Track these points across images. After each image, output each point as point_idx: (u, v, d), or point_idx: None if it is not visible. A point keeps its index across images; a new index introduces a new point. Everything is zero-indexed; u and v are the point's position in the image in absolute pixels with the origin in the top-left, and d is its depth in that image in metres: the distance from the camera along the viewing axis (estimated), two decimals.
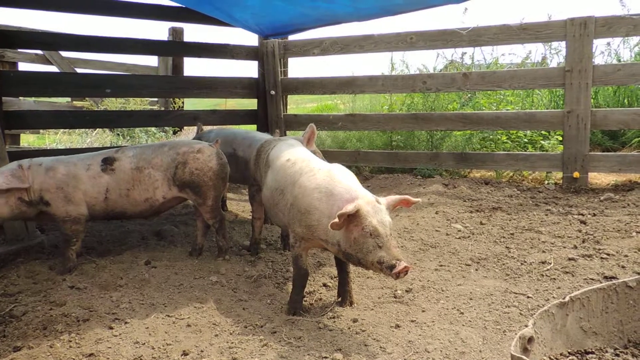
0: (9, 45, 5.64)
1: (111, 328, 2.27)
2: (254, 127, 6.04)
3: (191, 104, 10.31)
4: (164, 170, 3.08)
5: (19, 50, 7.39)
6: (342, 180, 2.38)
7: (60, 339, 2.16)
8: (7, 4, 4.47)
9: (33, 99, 7.37)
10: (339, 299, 2.66)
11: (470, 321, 2.43)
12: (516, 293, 2.71)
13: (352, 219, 2.18)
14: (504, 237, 3.59)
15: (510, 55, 7.04)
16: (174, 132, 7.97)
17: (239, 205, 4.72)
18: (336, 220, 2.14)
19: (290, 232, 2.59)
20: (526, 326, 1.96)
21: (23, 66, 7.86)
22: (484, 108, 5.77)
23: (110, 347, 2.10)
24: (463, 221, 3.93)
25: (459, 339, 2.24)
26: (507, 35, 4.78)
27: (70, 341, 2.15)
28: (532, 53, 6.39)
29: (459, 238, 3.62)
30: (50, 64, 7.88)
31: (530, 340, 1.61)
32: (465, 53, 6.43)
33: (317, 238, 2.41)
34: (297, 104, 13.55)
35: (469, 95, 6.15)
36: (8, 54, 7.13)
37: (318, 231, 2.38)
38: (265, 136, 3.80)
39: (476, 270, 3.09)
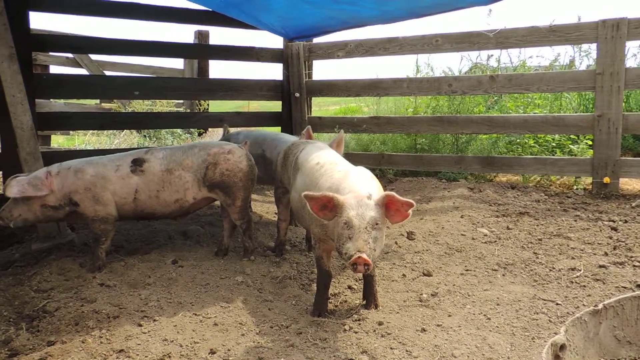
0: (41, 49, 5.79)
1: (140, 325, 2.31)
2: (279, 129, 6.08)
3: (215, 106, 10.42)
4: (194, 171, 3.11)
5: (51, 53, 7.60)
6: (353, 179, 2.34)
7: (91, 334, 2.21)
8: (38, 9, 4.59)
9: (63, 100, 7.57)
10: (364, 302, 2.65)
11: (497, 327, 2.39)
12: (545, 300, 2.67)
13: (336, 210, 2.15)
14: (531, 242, 3.53)
15: (538, 57, 6.93)
16: (199, 134, 8.07)
17: (263, 206, 4.75)
18: (307, 192, 2.15)
19: (311, 233, 2.60)
20: (556, 334, 1.94)
21: (54, 69, 8.07)
22: (510, 111, 5.69)
23: (139, 344, 2.13)
24: (489, 225, 3.88)
25: (486, 345, 2.21)
26: (536, 38, 4.71)
27: (101, 337, 2.19)
28: (561, 56, 6.26)
29: (485, 242, 3.57)
30: (80, 66, 8.07)
31: (563, 347, 1.58)
32: (492, 55, 6.37)
33: (329, 238, 2.41)
34: (320, 107, 13.58)
35: (495, 98, 6.07)
36: (40, 57, 7.33)
37: (329, 231, 2.37)
38: (292, 138, 3.82)
39: (503, 275, 3.05)
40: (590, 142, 4.89)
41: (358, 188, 2.25)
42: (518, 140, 5.36)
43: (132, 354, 2.06)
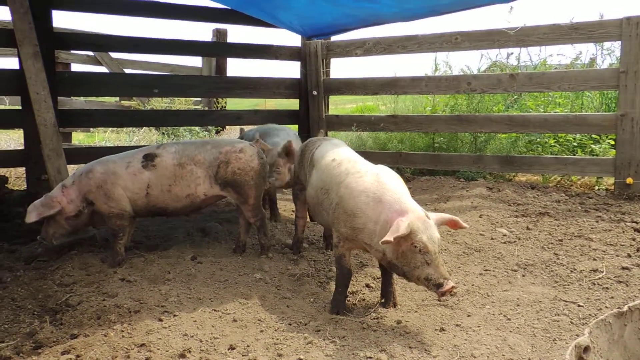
0: (64, 47, 5.89)
1: (161, 320, 2.34)
2: (296, 127, 6.09)
3: (232, 104, 10.50)
4: (206, 167, 3.13)
5: (72, 51, 7.71)
6: (391, 188, 2.37)
7: (113, 328, 2.24)
8: (61, 7, 4.66)
9: (83, 98, 7.69)
10: (383, 300, 2.65)
11: (517, 328, 2.37)
12: (566, 301, 2.63)
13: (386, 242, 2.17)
14: (552, 243, 3.48)
15: (559, 56, 6.81)
16: (217, 132, 8.12)
17: (280, 203, 4.76)
18: (389, 239, 2.12)
19: (333, 231, 2.60)
20: (578, 336, 1.91)
21: (75, 67, 8.20)
22: (530, 110, 5.62)
23: (160, 338, 2.16)
24: (508, 225, 3.84)
25: (506, 346, 2.19)
26: (557, 35, 4.64)
27: (123, 331, 2.22)
28: (583, 54, 6.14)
29: (505, 243, 3.54)
30: (101, 64, 8.18)
31: (587, 349, 1.56)
32: (512, 53, 6.28)
33: (361, 241, 2.42)
34: (336, 105, 13.56)
35: (515, 97, 6.00)
36: (62, 56, 7.44)
37: (362, 234, 2.40)
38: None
39: (523, 276, 3.02)
40: (612, 142, 4.80)
41: (414, 207, 2.29)
42: (538, 140, 5.29)
43: (153, 348, 2.08)
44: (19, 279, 2.87)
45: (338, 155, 2.81)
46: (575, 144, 5.18)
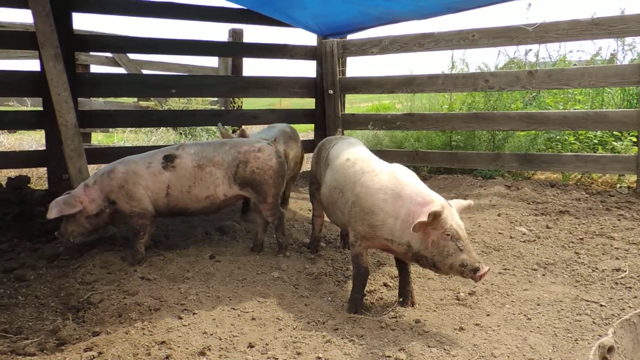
0: (83, 49, 5.97)
1: (180, 318, 2.36)
2: (312, 126, 6.10)
3: (247, 103, 10.54)
4: (225, 168, 3.15)
5: (91, 53, 7.82)
6: (409, 183, 2.39)
7: (134, 326, 2.27)
8: (82, 10, 4.73)
9: (102, 99, 7.79)
10: (401, 299, 2.64)
11: (538, 327, 2.34)
12: (588, 301, 2.59)
13: (433, 220, 2.18)
14: (572, 242, 3.44)
15: (579, 52, 6.71)
16: (233, 131, 8.14)
17: (297, 203, 4.78)
18: (423, 219, 2.14)
19: (350, 230, 2.60)
20: (600, 336, 1.88)
21: (94, 68, 8.31)
22: (549, 107, 5.55)
23: (180, 336, 2.18)
24: (528, 224, 3.80)
25: (527, 345, 2.17)
26: (577, 31, 4.57)
27: (144, 329, 2.25)
28: (603, 50, 6.04)
29: (524, 241, 3.50)
30: (119, 65, 8.28)
31: (611, 349, 1.54)
32: (530, 50, 6.20)
33: (381, 238, 2.42)
34: (351, 104, 13.51)
35: (534, 94, 5.92)
36: (81, 57, 7.56)
37: (382, 231, 2.39)
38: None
39: (543, 275, 2.98)
40: (634, 139, 4.72)
41: (437, 197, 2.31)
42: (557, 137, 5.22)
43: (174, 346, 2.10)
44: (42, 277, 2.92)
45: (352, 154, 2.82)
46: (595, 141, 5.10)
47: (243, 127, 3.94)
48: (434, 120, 5.42)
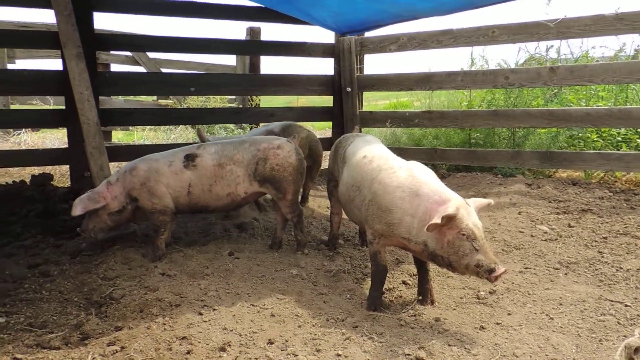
0: (104, 48, 6.06)
1: (200, 314, 2.38)
2: (330, 124, 6.09)
3: (264, 101, 10.59)
4: (245, 166, 3.17)
5: (112, 52, 7.93)
6: (426, 181, 2.38)
7: (155, 321, 2.30)
8: (102, 9, 4.79)
9: (122, 97, 7.89)
10: (420, 297, 2.63)
11: (561, 327, 2.31)
12: (612, 301, 2.55)
13: (447, 221, 2.16)
14: (595, 241, 3.38)
15: (602, 48, 6.57)
16: (251, 129, 8.19)
17: (315, 200, 4.78)
18: (437, 221, 2.12)
19: (367, 228, 2.59)
20: (625, 336, 1.84)
21: (114, 67, 8.42)
22: (571, 104, 5.45)
23: (201, 332, 2.20)
24: (549, 223, 3.74)
25: (549, 345, 2.14)
26: (601, 27, 4.48)
27: (165, 324, 2.28)
28: (627, 45, 5.91)
29: (545, 240, 3.45)
30: (139, 64, 8.38)
31: (637, 350, 1.51)
32: (552, 46, 6.09)
33: (398, 236, 2.41)
34: (368, 102, 13.47)
35: (555, 91, 5.83)
36: (102, 56, 7.66)
37: (399, 229, 2.38)
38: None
39: (565, 274, 2.93)
40: None
41: (454, 196, 2.30)
42: (580, 135, 5.12)
43: (194, 342, 2.12)
44: (65, 273, 2.97)
45: (369, 152, 2.81)
46: (619, 138, 5.00)
47: (198, 127, 3.95)
48: (453, 118, 5.37)
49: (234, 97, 8.77)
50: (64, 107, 4.63)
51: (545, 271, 2.99)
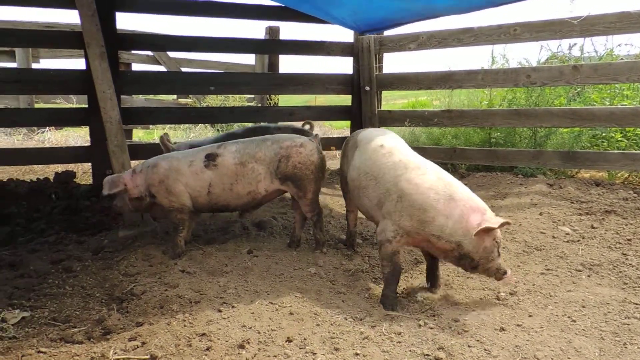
0: (125, 48, 6.14)
1: (220, 311, 2.40)
2: (348, 123, 6.08)
3: (282, 100, 10.64)
4: (267, 164, 3.17)
5: (133, 51, 8.03)
6: (458, 186, 2.51)
7: (175, 317, 2.32)
8: (124, 9, 4.86)
9: (143, 96, 8.00)
10: (428, 284, 2.76)
11: (584, 330, 2.27)
12: (637, 304, 2.50)
13: (491, 230, 2.37)
14: (619, 242, 3.31)
15: (627, 45, 6.42)
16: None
17: (332, 199, 4.78)
18: (494, 226, 2.35)
19: (386, 223, 2.56)
20: None
21: (135, 66, 8.54)
22: (595, 103, 5.35)
23: (220, 329, 2.22)
24: (571, 224, 3.68)
25: (571, 348, 2.10)
26: (626, 24, 4.38)
27: (185, 320, 2.30)
28: None
29: (567, 242, 3.39)
30: (159, 64, 8.48)
31: None
32: (575, 44, 5.98)
33: (429, 233, 2.46)
34: (387, 101, 13.43)
35: (578, 89, 5.72)
36: (123, 56, 7.77)
37: (431, 227, 2.45)
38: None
39: (588, 276, 2.88)
40: None
41: (480, 200, 2.49)
42: (603, 134, 5.02)
43: (214, 338, 2.14)
44: (88, 269, 3.02)
45: (386, 142, 2.83)
46: None
47: (162, 135, 4.03)
48: (473, 117, 5.31)
49: (252, 96, 8.82)
50: (86, 106, 4.71)
51: (567, 273, 2.94)
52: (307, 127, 4.47)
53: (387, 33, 5.79)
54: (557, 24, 4.69)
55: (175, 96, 9.37)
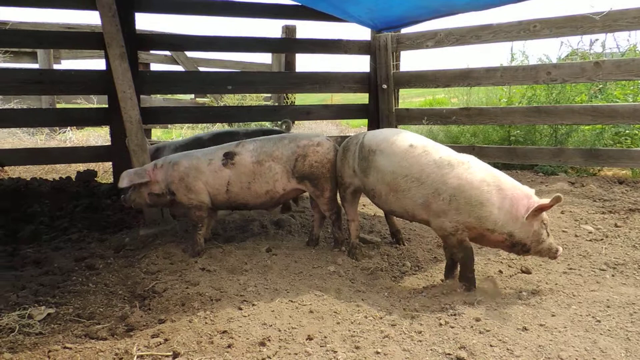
0: (144, 48, 6.21)
1: (240, 309, 2.41)
2: (365, 121, 6.06)
3: (298, 99, 10.67)
4: (284, 162, 3.18)
5: (151, 51, 8.12)
6: (501, 175, 2.60)
7: (197, 315, 2.34)
8: (143, 10, 4.92)
9: (161, 96, 8.08)
10: (446, 277, 2.85)
11: (609, 330, 2.23)
12: None
13: (537, 213, 2.47)
14: None
15: None
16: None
17: None
18: (545, 203, 2.44)
19: (445, 222, 2.61)
20: None
21: (153, 66, 8.62)
22: (618, 100, 5.25)
23: (241, 326, 2.23)
24: (594, 222, 3.62)
25: (596, 348, 2.07)
26: None
27: (206, 318, 2.32)
28: None
29: (590, 240, 3.34)
30: (177, 63, 8.55)
31: None
32: (597, 40, 5.89)
33: (484, 228, 2.54)
34: (403, 99, 13.36)
35: (600, 86, 5.63)
36: (142, 56, 7.86)
37: (487, 222, 2.52)
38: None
39: (612, 276, 2.83)
40: None
41: (522, 186, 2.58)
42: (627, 131, 4.94)
43: (235, 336, 2.15)
44: (110, 266, 3.07)
45: (413, 140, 2.80)
46: None
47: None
48: (492, 115, 5.26)
49: (269, 95, 8.84)
50: (106, 106, 4.78)
51: (590, 272, 2.90)
52: (284, 126, 4.43)
53: (404, 31, 5.76)
54: (579, 19, 4.63)
55: (192, 95, 9.45)
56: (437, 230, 2.70)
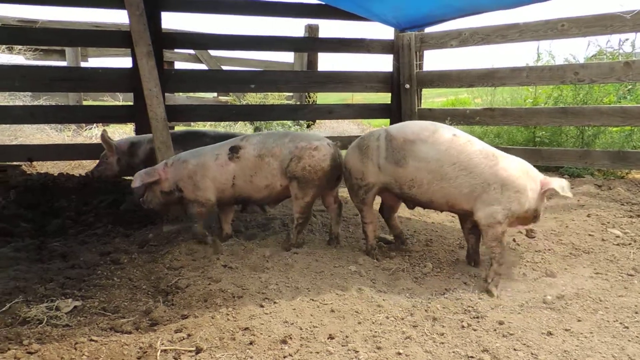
0: (169, 46, 6.28)
1: (262, 306, 2.43)
2: (387, 121, 6.04)
3: (320, 98, 10.66)
4: (280, 160, 3.17)
5: (176, 50, 8.22)
6: (523, 161, 2.83)
7: (219, 311, 2.36)
8: (169, 9, 4.98)
9: (184, 94, 8.17)
10: (472, 263, 3.07)
11: (637, 337, 2.18)
12: None
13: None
14: None
15: None
16: (308, 126, 8.27)
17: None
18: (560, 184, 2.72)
19: (498, 209, 2.70)
20: None
21: (177, 65, 8.73)
22: None
23: (262, 324, 2.24)
24: (622, 226, 3.54)
25: (625, 355, 2.03)
26: None
27: (228, 314, 2.34)
28: None
29: (618, 245, 3.27)
30: (201, 62, 8.64)
31: None
32: (627, 39, 5.74)
33: (522, 212, 2.74)
34: (425, 99, 13.22)
35: (629, 87, 5.50)
36: (166, 54, 7.96)
37: (526, 206, 2.72)
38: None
39: None
40: None
41: (533, 169, 2.86)
42: None
43: (257, 333, 2.17)
44: (134, 261, 3.11)
45: (456, 131, 2.90)
46: None
47: (102, 132, 4.27)
48: (517, 115, 5.18)
49: (291, 94, 8.87)
50: (132, 103, 4.86)
51: (618, 277, 2.83)
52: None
53: (428, 30, 5.72)
54: (608, 18, 4.53)
55: (215, 94, 9.53)
56: (485, 219, 2.74)
